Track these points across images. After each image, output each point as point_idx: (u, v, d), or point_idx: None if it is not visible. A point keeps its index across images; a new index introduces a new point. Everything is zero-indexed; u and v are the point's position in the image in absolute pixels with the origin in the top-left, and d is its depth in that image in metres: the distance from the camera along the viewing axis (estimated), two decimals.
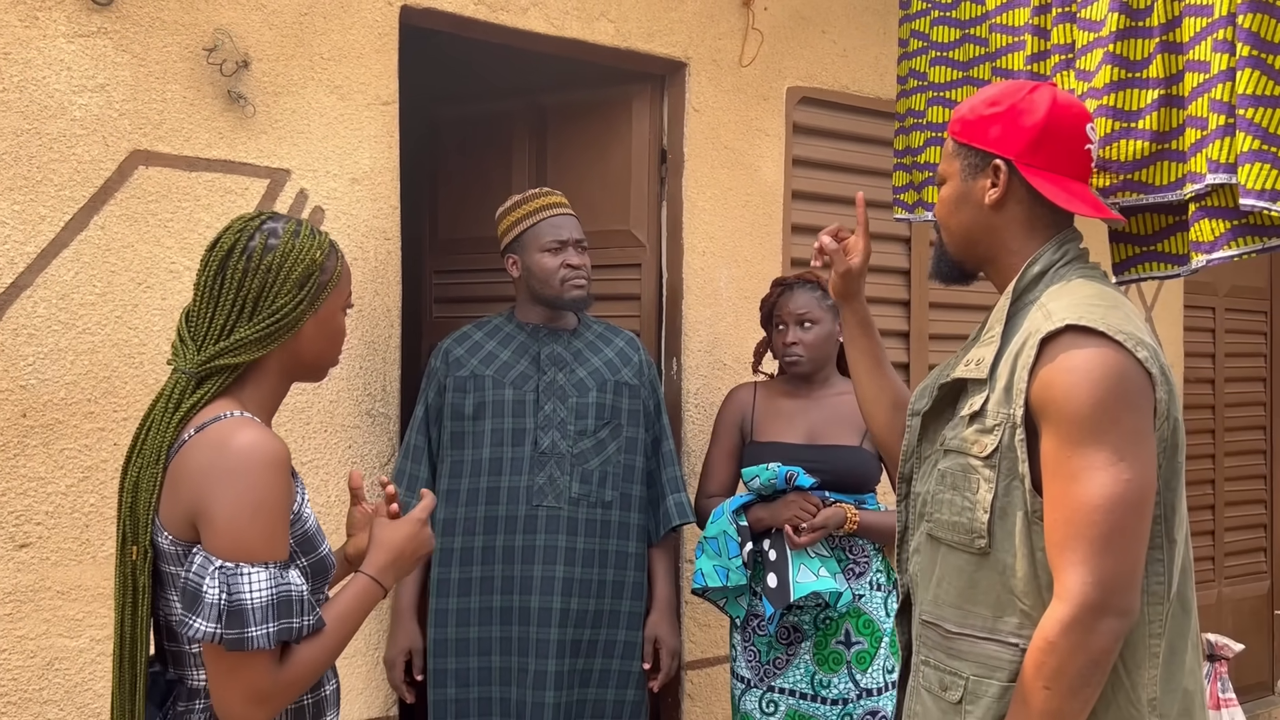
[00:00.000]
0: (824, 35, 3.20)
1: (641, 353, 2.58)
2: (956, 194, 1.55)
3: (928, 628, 1.52)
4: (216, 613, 1.25)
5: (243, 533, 1.27)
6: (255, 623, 1.26)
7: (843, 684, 2.40)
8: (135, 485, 1.34)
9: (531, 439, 2.40)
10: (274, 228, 1.41)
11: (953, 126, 1.57)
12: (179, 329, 1.42)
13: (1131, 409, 1.34)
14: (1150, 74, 1.72)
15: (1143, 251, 1.85)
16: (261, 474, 1.29)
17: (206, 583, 1.26)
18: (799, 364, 2.51)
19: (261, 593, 1.27)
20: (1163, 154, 1.72)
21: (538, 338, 2.48)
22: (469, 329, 2.54)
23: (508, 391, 2.42)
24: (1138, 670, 1.38)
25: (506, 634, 2.37)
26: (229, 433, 1.31)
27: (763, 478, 2.40)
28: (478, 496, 2.39)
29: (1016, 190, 1.50)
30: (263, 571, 1.28)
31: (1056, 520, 1.34)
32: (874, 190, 3.21)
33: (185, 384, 1.36)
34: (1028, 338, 1.41)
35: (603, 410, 2.45)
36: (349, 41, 2.43)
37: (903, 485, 1.64)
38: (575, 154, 3.08)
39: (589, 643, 2.40)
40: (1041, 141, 1.49)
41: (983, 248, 1.55)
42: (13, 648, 2.07)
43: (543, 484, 2.39)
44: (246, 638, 1.26)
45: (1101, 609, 1.30)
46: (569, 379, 2.45)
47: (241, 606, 1.26)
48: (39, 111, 2.09)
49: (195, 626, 1.26)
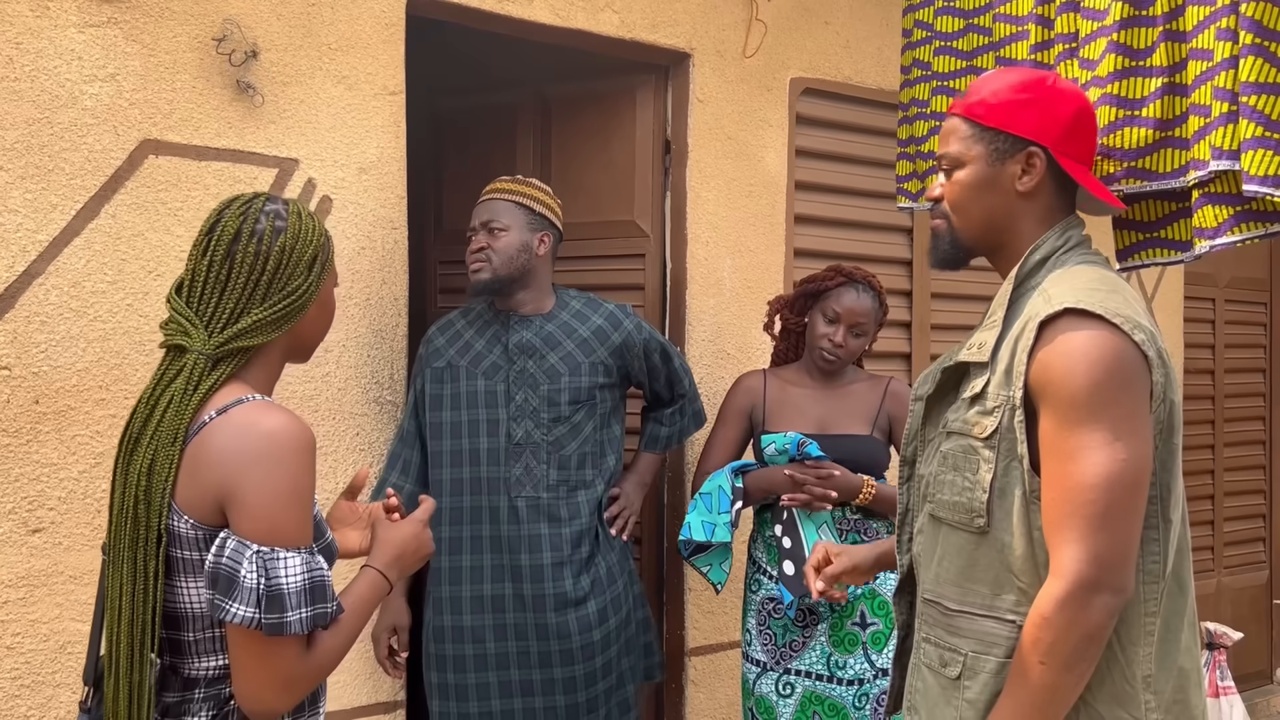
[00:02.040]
0: (827, 26, 3.21)
1: (627, 321, 2.51)
2: (980, 178, 1.53)
3: (929, 605, 1.54)
4: (255, 597, 1.24)
5: (278, 517, 1.27)
6: (292, 607, 1.26)
7: (859, 665, 2.42)
8: (149, 468, 1.31)
9: (505, 430, 2.41)
10: (276, 209, 1.41)
11: (972, 109, 1.54)
12: (177, 310, 1.38)
13: (1127, 390, 1.36)
14: (1153, 62, 1.74)
15: (1146, 238, 1.86)
16: (295, 458, 1.29)
17: (244, 567, 1.25)
18: (834, 364, 2.53)
19: (297, 578, 1.27)
20: (1166, 141, 1.74)
21: (508, 325, 2.47)
22: (455, 315, 2.57)
23: (480, 382, 2.44)
24: (1132, 647, 1.40)
25: (500, 621, 2.38)
26: (257, 416, 1.30)
27: (778, 444, 2.45)
28: (461, 487, 2.41)
29: (1044, 178, 1.52)
30: (297, 556, 1.28)
31: (1053, 499, 1.36)
32: (876, 181, 3.25)
33: (203, 366, 1.34)
34: (1027, 321, 1.43)
35: (578, 393, 2.43)
36: (356, 32, 2.45)
37: (905, 468, 1.66)
38: (579, 144, 3.09)
39: (586, 618, 2.40)
40: (1074, 131, 1.51)
41: (997, 233, 1.55)
42: (26, 631, 2.09)
43: (520, 475, 2.40)
44: (285, 622, 1.26)
45: (1096, 585, 1.32)
46: (539, 366, 2.43)
47: (280, 591, 1.25)
48: (50, 101, 2.10)
49: (233, 611, 1.25)
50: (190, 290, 1.38)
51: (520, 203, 2.47)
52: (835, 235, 3.24)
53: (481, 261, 2.43)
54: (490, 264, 2.42)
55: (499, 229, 2.43)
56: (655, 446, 2.65)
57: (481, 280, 2.43)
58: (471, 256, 2.45)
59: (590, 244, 3.06)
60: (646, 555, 3.04)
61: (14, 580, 2.07)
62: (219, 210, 1.42)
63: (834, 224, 3.25)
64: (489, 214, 2.45)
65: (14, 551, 2.07)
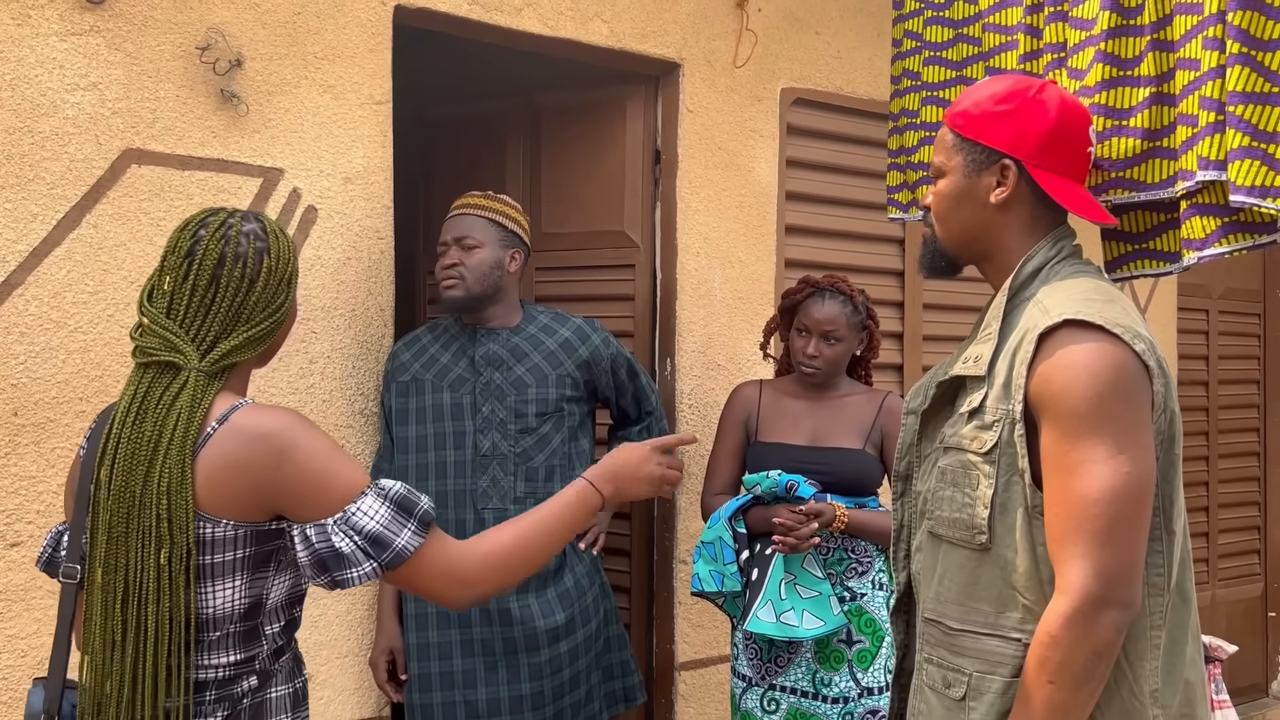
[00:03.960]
0: (818, 36, 3.20)
1: (594, 335, 2.49)
2: (957, 190, 1.53)
3: (930, 625, 1.52)
4: (362, 553, 1.32)
5: (331, 485, 1.34)
6: (396, 534, 1.34)
7: (844, 682, 2.40)
8: (168, 488, 1.31)
9: (471, 441, 2.39)
10: (254, 229, 1.43)
11: (954, 119, 1.54)
12: (161, 325, 1.39)
13: (1129, 402, 1.34)
14: (1141, 71, 1.73)
15: (1134, 249, 1.85)
16: (308, 431, 1.37)
17: (336, 541, 1.32)
18: (814, 376, 2.51)
19: (380, 512, 1.34)
20: (1154, 151, 1.73)
21: (475, 338, 2.45)
22: (421, 331, 2.55)
23: (445, 395, 2.42)
24: (1139, 662, 1.38)
25: (466, 637, 2.35)
26: (260, 417, 1.36)
27: (764, 486, 2.41)
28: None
29: (1022, 190, 1.50)
30: (367, 498, 1.35)
31: (1057, 514, 1.35)
32: (867, 191, 3.23)
33: (204, 382, 1.37)
34: (1025, 333, 1.41)
35: (545, 403, 2.40)
36: (342, 41, 2.43)
37: (899, 483, 1.64)
38: (569, 154, 3.08)
39: (554, 631, 2.37)
40: (1051, 143, 1.49)
41: (981, 244, 1.55)
42: (3, 647, 2.06)
43: (486, 486, 2.38)
44: (399, 551, 1.34)
45: (1103, 602, 1.31)
46: (506, 378, 2.41)
47: (375, 533, 1.33)
48: (31, 110, 2.08)
49: (357, 575, 1.33)
50: (173, 309, 1.40)
51: (493, 219, 2.45)
52: (826, 246, 3.23)
53: (455, 278, 2.40)
54: (464, 281, 2.40)
55: (473, 245, 2.41)
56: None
57: (455, 297, 2.41)
58: (444, 272, 2.42)
59: (580, 254, 3.04)
60: (636, 568, 3.02)
61: None
62: (194, 230, 1.41)
63: (825, 234, 3.24)
64: (462, 229, 2.43)
65: None
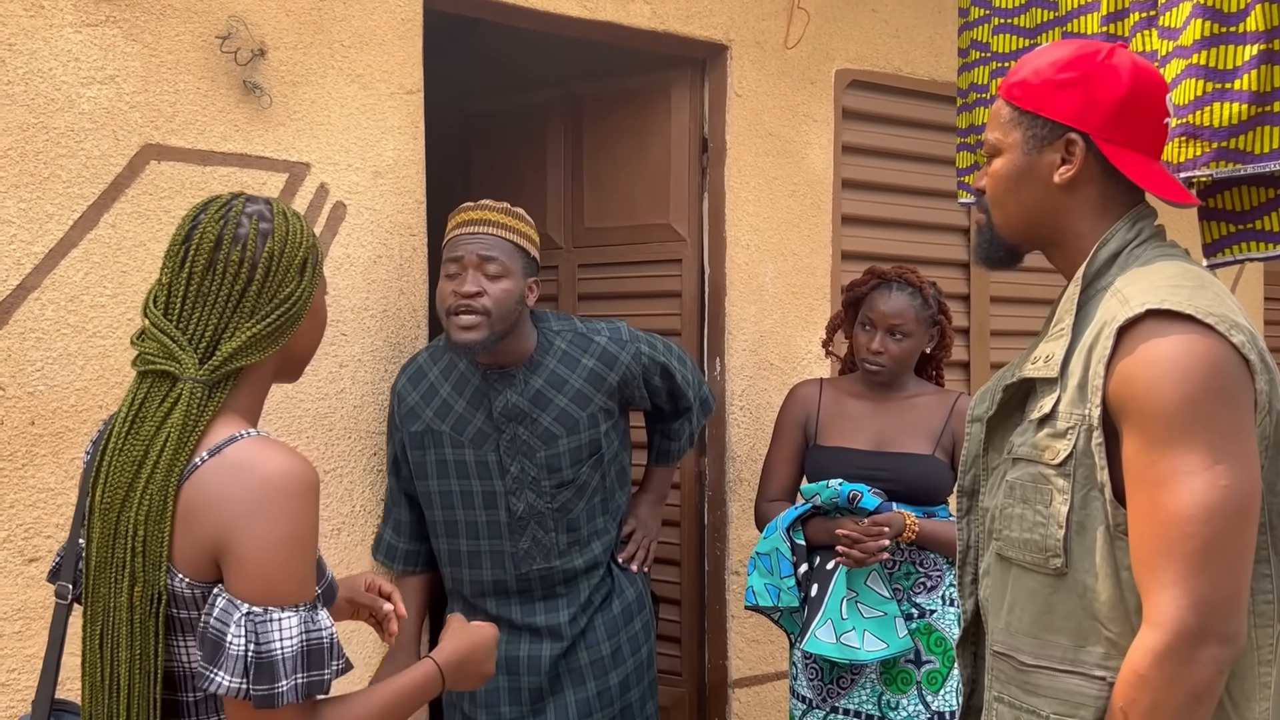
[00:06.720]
0: (874, 14, 3.03)
1: (623, 354, 2.18)
2: (1016, 169, 1.37)
3: (1000, 659, 1.36)
4: (242, 666, 1.13)
5: (276, 574, 1.15)
6: (285, 674, 1.15)
7: (912, 705, 2.21)
8: (145, 518, 1.17)
9: (504, 504, 2.14)
10: (258, 209, 1.27)
11: (1010, 90, 1.38)
12: (160, 328, 1.24)
13: (1227, 403, 1.18)
14: (1247, 27, 1.54)
15: (1238, 230, 1.67)
16: (297, 506, 1.17)
17: (231, 631, 1.14)
18: (879, 374, 2.32)
19: (292, 641, 1.15)
20: (1262, 118, 1.55)
21: (490, 383, 2.13)
22: (424, 361, 2.23)
23: (468, 452, 2.14)
24: (1246, 704, 1.22)
25: (515, 685, 2.20)
26: (256, 457, 1.18)
27: (824, 496, 2.22)
28: (460, 559, 2.20)
29: (1090, 167, 1.33)
30: (294, 616, 1.16)
31: (1144, 534, 1.19)
32: (928, 178, 3.07)
33: (202, 396, 1.20)
34: (1102, 328, 1.25)
35: (579, 452, 2.14)
36: (370, 28, 2.32)
37: (964, 499, 1.49)
38: (612, 145, 2.96)
39: (604, 659, 2.23)
40: (1123, 114, 1.32)
41: (1045, 230, 1.38)
42: (22, 666, 1.97)
43: (528, 548, 2.16)
44: (276, 693, 1.14)
45: (1201, 636, 1.15)
46: (532, 431, 2.11)
47: (270, 658, 1.14)
48: (46, 105, 2.00)
49: (218, 681, 1.14)
50: (170, 304, 1.24)
51: (517, 243, 2.09)
52: (885, 236, 3.07)
53: (478, 315, 2.01)
54: (489, 319, 2.02)
55: (498, 274, 2.04)
56: (666, 461, 2.44)
57: (473, 341, 2.02)
58: (461, 303, 2.01)
59: (624, 249, 2.93)
60: (686, 579, 2.88)
61: (10, 613, 1.96)
62: (194, 214, 1.27)
63: (884, 224, 3.09)
64: (486, 249, 2.05)
65: (9, 582, 1.96)
